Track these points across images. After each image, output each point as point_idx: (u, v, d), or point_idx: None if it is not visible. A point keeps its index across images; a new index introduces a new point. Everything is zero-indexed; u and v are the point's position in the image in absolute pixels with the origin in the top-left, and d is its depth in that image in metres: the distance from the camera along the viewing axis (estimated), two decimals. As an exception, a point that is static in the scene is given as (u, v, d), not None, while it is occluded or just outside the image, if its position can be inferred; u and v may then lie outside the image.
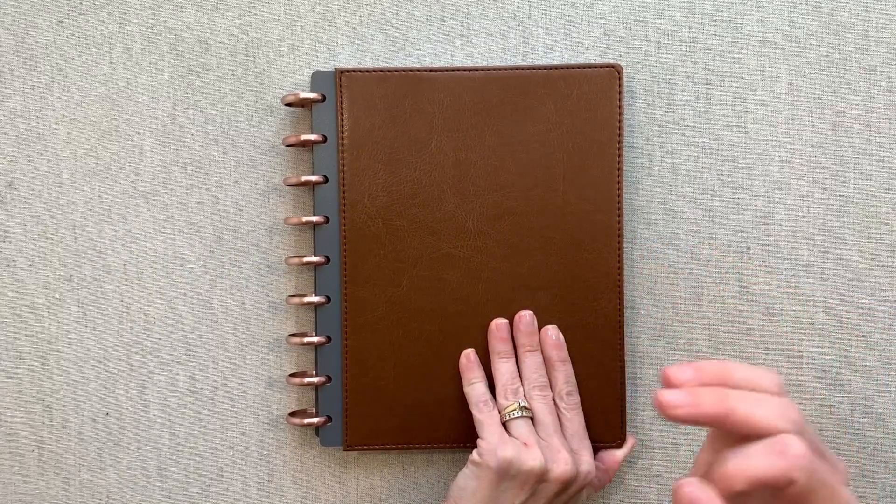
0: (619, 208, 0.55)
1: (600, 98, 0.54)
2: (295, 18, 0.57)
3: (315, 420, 0.56)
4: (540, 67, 0.55)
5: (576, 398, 0.54)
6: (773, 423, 0.33)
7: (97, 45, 0.57)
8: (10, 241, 0.58)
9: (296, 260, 0.56)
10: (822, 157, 0.57)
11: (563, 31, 0.57)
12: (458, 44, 0.57)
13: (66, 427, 0.58)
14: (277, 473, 0.59)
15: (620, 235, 0.55)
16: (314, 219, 0.55)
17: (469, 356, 0.55)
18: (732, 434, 0.34)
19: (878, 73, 0.57)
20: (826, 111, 0.57)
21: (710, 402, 0.34)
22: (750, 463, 0.33)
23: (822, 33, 0.57)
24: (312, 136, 0.55)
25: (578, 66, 0.55)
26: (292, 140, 0.55)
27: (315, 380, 0.56)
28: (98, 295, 0.58)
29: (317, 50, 0.57)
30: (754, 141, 0.57)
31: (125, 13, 0.57)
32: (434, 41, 0.57)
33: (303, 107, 0.56)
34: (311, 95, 0.55)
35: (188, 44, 0.57)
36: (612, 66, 0.54)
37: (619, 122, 0.54)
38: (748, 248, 0.57)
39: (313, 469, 0.59)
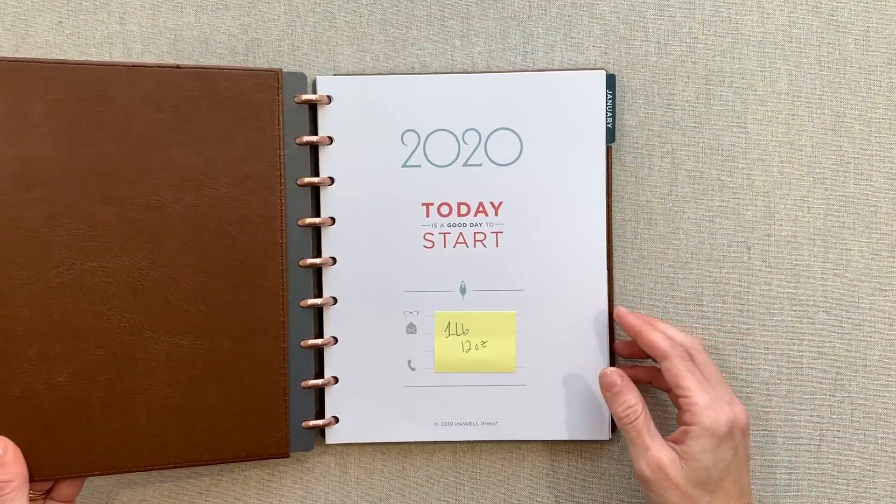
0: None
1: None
2: (295, 18, 0.57)
3: (321, 422, 0.56)
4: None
5: None
6: (662, 344, 0.52)
7: (97, 45, 0.57)
8: None
9: (300, 261, 0.55)
10: (822, 157, 0.57)
11: (563, 31, 0.57)
12: (458, 44, 0.57)
13: (66, 427, 0.58)
14: (277, 473, 0.58)
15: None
16: (318, 220, 0.55)
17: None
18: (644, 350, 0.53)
19: (878, 73, 0.57)
20: (826, 111, 0.57)
21: (635, 320, 0.54)
22: (654, 335, 0.52)
23: (822, 33, 0.57)
24: (317, 138, 0.55)
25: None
26: (295, 140, 0.55)
27: (321, 381, 0.56)
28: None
29: (317, 50, 0.57)
30: (754, 141, 0.57)
31: (125, 13, 0.57)
32: (434, 41, 0.57)
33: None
34: (315, 97, 0.55)
35: (188, 44, 0.57)
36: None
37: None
38: (748, 248, 0.57)
39: (313, 469, 0.59)
